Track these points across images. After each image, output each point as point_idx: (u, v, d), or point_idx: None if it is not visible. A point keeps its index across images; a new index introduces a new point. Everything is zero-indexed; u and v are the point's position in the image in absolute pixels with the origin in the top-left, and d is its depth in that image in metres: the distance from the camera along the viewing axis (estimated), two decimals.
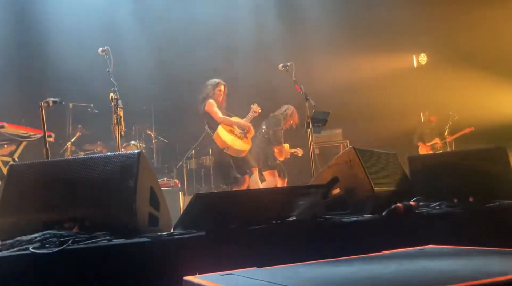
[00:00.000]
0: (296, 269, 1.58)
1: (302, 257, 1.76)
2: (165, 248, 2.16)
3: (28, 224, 2.30)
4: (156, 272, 2.08)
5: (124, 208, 2.28)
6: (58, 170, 2.43)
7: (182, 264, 2.08)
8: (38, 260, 1.93)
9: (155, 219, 2.56)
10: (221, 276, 1.46)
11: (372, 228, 2.75)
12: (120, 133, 3.90)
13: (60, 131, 6.56)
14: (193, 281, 1.43)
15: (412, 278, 1.28)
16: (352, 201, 3.11)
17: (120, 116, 3.88)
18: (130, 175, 2.34)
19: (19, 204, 2.35)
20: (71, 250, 1.99)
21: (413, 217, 2.92)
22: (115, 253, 2.06)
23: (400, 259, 1.65)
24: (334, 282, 1.32)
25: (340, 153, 3.31)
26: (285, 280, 1.34)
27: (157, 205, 2.63)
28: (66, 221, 2.31)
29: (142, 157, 2.46)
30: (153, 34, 8.65)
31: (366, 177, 3.03)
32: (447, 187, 3.36)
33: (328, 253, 1.84)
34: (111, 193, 2.32)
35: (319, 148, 8.16)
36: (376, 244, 2.08)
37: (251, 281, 1.37)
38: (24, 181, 2.40)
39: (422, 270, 1.42)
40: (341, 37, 9.16)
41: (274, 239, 2.41)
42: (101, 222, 2.27)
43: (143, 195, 2.42)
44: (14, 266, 1.92)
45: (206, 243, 2.24)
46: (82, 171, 2.40)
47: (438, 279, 1.21)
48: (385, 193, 3.11)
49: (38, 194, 2.37)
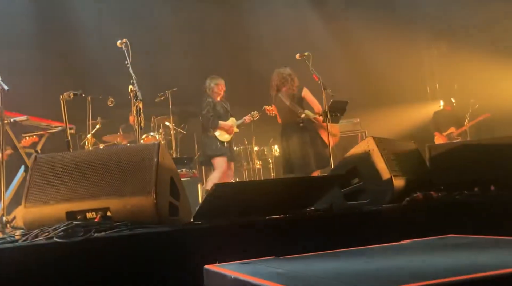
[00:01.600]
0: (315, 258, 1.59)
1: (321, 247, 1.77)
2: (185, 237, 2.19)
3: (52, 214, 2.36)
4: (176, 261, 2.11)
5: (145, 198, 2.31)
6: (80, 161, 2.48)
7: (202, 253, 2.11)
8: (62, 249, 1.98)
9: (175, 209, 2.60)
10: (241, 265, 1.48)
11: (391, 217, 2.73)
12: (140, 124, 3.94)
13: (80, 123, 6.65)
14: (214, 270, 1.45)
15: (431, 268, 1.27)
16: (371, 191, 3.10)
17: (139, 108, 3.92)
18: (150, 165, 2.37)
19: (43, 194, 2.40)
20: (94, 239, 2.04)
21: (433, 206, 2.89)
22: (136, 242, 2.10)
23: (420, 249, 1.64)
24: (353, 271, 1.33)
25: (359, 143, 3.29)
26: (304, 270, 1.35)
27: (177, 195, 2.66)
28: (89, 211, 2.36)
29: (162, 148, 2.49)
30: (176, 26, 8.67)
31: (385, 166, 3.02)
32: (467, 176, 3.32)
33: (347, 243, 1.84)
34: (133, 183, 2.36)
35: None
36: (395, 233, 2.07)
37: (270, 270, 1.39)
38: (48, 172, 2.46)
39: (441, 259, 1.41)
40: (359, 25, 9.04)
41: (294, 228, 2.42)
42: (123, 212, 2.32)
43: (163, 185, 2.46)
44: (39, 255, 1.98)
45: (225, 233, 2.26)
46: (104, 162, 2.44)
47: (459, 269, 1.20)
48: (404, 183, 3.09)
49: (61, 184, 2.42)
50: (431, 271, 1.22)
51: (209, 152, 5.97)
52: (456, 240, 1.77)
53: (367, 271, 1.30)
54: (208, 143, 5.98)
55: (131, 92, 4.08)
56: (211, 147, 5.95)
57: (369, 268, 1.34)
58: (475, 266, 1.23)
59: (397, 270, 1.28)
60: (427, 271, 1.24)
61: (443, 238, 1.81)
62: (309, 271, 1.30)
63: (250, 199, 2.53)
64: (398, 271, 1.27)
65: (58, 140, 4.78)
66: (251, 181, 6.93)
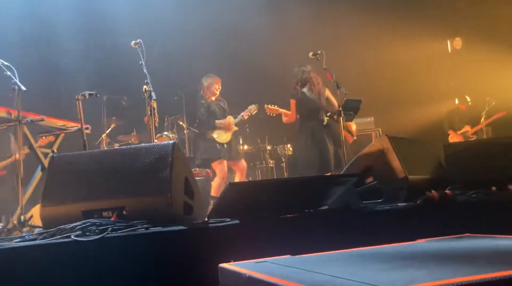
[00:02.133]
0: (330, 257, 1.59)
1: (336, 246, 1.77)
2: (200, 236, 2.21)
3: (69, 213, 2.39)
4: (191, 259, 2.13)
5: (160, 197, 2.33)
6: (96, 161, 2.51)
7: (217, 252, 2.12)
8: (80, 248, 2.01)
9: (189, 208, 2.61)
10: (256, 263, 1.49)
11: (406, 216, 2.72)
12: (154, 124, 3.97)
13: (95, 123, 6.72)
14: (229, 268, 1.46)
15: (447, 267, 1.26)
16: (386, 190, 3.08)
17: (153, 108, 3.95)
18: (165, 165, 2.39)
19: (60, 193, 2.44)
20: (110, 238, 2.07)
21: (448, 205, 2.87)
22: (152, 240, 2.12)
23: (436, 248, 1.63)
24: (368, 271, 1.32)
25: (374, 141, 3.28)
26: (318, 268, 1.35)
27: (191, 194, 2.68)
28: (105, 210, 2.39)
29: (177, 147, 2.51)
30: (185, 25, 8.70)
31: (400, 165, 2.99)
32: (484, 174, 3.28)
33: (361, 242, 1.84)
34: (148, 182, 2.38)
35: None
36: (410, 233, 2.06)
37: (285, 269, 1.39)
38: (65, 172, 2.49)
39: (458, 259, 1.40)
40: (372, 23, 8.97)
41: (308, 227, 2.42)
42: (138, 211, 2.34)
43: (178, 184, 2.48)
44: (57, 253, 2.01)
45: (240, 231, 2.27)
46: (119, 162, 2.47)
47: (475, 269, 1.19)
48: (420, 181, 3.06)
49: (78, 184, 2.46)
50: (447, 271, 1.21)
51: (207, 155, 5.79)
52: (473, 239, 1.75)
53: (382, 270, 1.29)
54: (205, 146, 5.82)
55: (145, 92, 4.12)
56: (209, 150, 5.79)
57: (384, 267, 1.33)
58: (492, 266, 1.22)
59: (412, 269, 1.27)
60: (443, 270, 1.23)
61: (459, 238, 1.79)
62: (324, 270, 1.30)
63: (264, 198, 2.54)
64: (414, 270, 1.26)
65: (74, 140, 4.84)
66: (264, 180, 6.92)
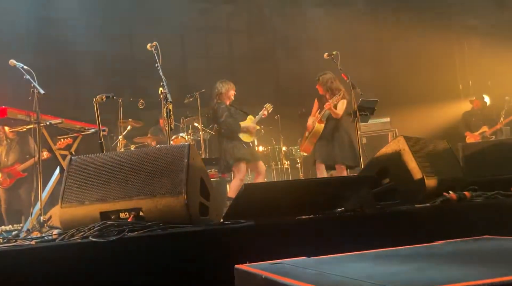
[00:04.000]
0: (346, 259, 1.58)
1: (351, 247, 1.76)
2: (216, 237, 2.22)
3: (87, 214, 2.43)
4: (207, 261, 2.14)
5: (176, 198, 2.35)
6: (113, 162, 2.54)
7: (232, 253, 2.13)
8: (97, 248, 2.04)
9: (205, 209, 2.63)
10: (271, 265, 1.49)
11: (423, 218, 2.69)
12: (170, 126, 4.00)
13: (111, 125, 6.81)
14: (244, 269, 1.46)
15: (465, 270, 1.25)
16: (402, 191, 3.06)
17: (169, 110, 3.98)
18: (181, 166, 2.41)
19: (78, 195, 2.48)
20: (127, 239, 2.09)
21: (466, 206, 2.83)
22: (168, 241, 2.14)
23: (453, 250, 1.61)
24: (384, 273, 1.31)
25: (390, 142, 3.25)
26: (334, 270, 1.35)
27: (207, 195, 2.69)
28: (122, 211, 2.42)
29: (192, 149, 2.53)
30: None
31: (417, 166, 2.97)
32: (502, 175, 3.23)
33: (377, 244, 1.83)
34: (164, 184, 2.40)
35: (366, 137, 8.02)
36: (427, 234, 2.04)
37: (301, 270, 1.39)
38: (83, 174, 2.53)
39: (476, 261, 1.38)
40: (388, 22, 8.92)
41: (324, 229, 2.42)
42: (155, 212, 2.36)
43: (194, 185, 2.49)
44: (75, 254, 2.05)
45: (255, 233, 2.27)
46: (136, 163, 2.50)
47: (494, 271, 1.18)
48: (437, 183, 3.03)
49: (95, 185, 2.49)
50: (465, 273, 1.20)
51: (235, 157, 5.71)
52: (491, 241, 1.72)
53: (399, 272, 1.29)
54: (233, 148, 5.74)
55: (161, 94, 4.14)
56: (238, 152, 5.73)
57: (401, 269, 1.32)
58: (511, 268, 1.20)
59: (429, 271, 1.26)
60: (461, 272, 1.22)
61: (478, 239, 1.77)
62: (340, 272, 1.30)
63: (279, 200, 2.54)
64: (431, 272, 1.25)
65: (91, 141, 4.90)
66: (280, 181, 6.91)
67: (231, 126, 5.76)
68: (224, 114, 5.79)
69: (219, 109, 5.81)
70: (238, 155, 5.74)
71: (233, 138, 5.79)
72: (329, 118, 5.73)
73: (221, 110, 5.80)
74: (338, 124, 5.72)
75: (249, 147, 5.89)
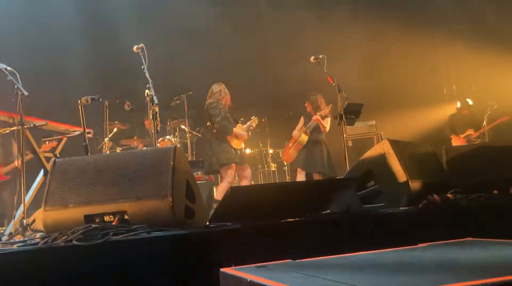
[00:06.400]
0: (331, 262, 1.59)
1: (337, 250, 1.77)
2: (201, 240, 2.21)
3: (71, 217, 2.40)
4: (193, 264, 2.13)
5: (161, 201, 2.34)
6: (98, 165, 2.51)
7: (218, 256, 2.12)
8: (81, 252, 2.01)
9: (191, 212, 2.62)
10: (257, 268, 1.49)
11: (408, 220, 2.71)
12: (156, 128, 3.98)
13: (97, 127, 6.74)
14: (230, 273, 1.46)
15: (449, 271, 1.26)
16: (387, 194, 3.08)
17: (155, 112, 3.96)
18: (167, 169, 2.40)
19: (62, 198, 2.45)
20: (112, 242, 2.07)
21: (450, 209, 2.86)
22: (153, 245, 2.13)
23: (437, 252, 1.63)
24: (369, 275, 1.32)
25: (375, 145, 3.28)
26: (319, 273, 1.35)
27: (193, 198, 2.69)
28: (107, 214, 2.40)
29: (178, 151, 2.52)
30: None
31: (401, 169, 3.00)
32: (485, 178, 3.28)
33: (362, 246, 1.84)
34: (149, 186, 2.39)
35: (351, 140, 8.09)
36: (412, 236, 2.06)
37: (286, 273, 1.39)
38: (67, 176, 2.50)
39: (459, 263, 1.40)
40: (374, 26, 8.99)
41: (309, 232, 2.42)
42: (140, 215, 2.35)
43: (180, 188, 2.48)
44: (59, 257, 2.02)
45: (241, 236, 2.27)
46: (121, 166, 2.48)
47: (476, 273, 1.19)
48: (421, 185, 3.06)
49: (80, 188, 2.46)
50: (448, 275, 1.21)
51: (224, 160, 5.69)
52: (474, 243, 1.75)
53: (384, 274, 1.30)
54: (222, 151, 5.72)
55: (147, 96, 4.13)
56: (227, 155, 5.71)
57: (385, 272, 1.33)
58: (493, 269, 1.22)
59: (413, 274, 1.27)
60: (444, 275, 1.23)
61: (461, 242, 1.79)
62: (324, 275, 1.30)
63: (265, 202, 2.54)
64: (415, 275, 1.26)
65: (76, 144, 4.85)
66: (266, 184, 6.91)
67: (225, 128, 5.74)
68: (221, 114, 5.77)
69: (217, 108, 5.77)
70: (228, 157, 5.73)
71: (223, 140, 5.78)
72: (313, 132, 6.30)
73: (219, 109, 5.78)
74: (320, 137, 6.33)
75: (236, 153, 5.88)
